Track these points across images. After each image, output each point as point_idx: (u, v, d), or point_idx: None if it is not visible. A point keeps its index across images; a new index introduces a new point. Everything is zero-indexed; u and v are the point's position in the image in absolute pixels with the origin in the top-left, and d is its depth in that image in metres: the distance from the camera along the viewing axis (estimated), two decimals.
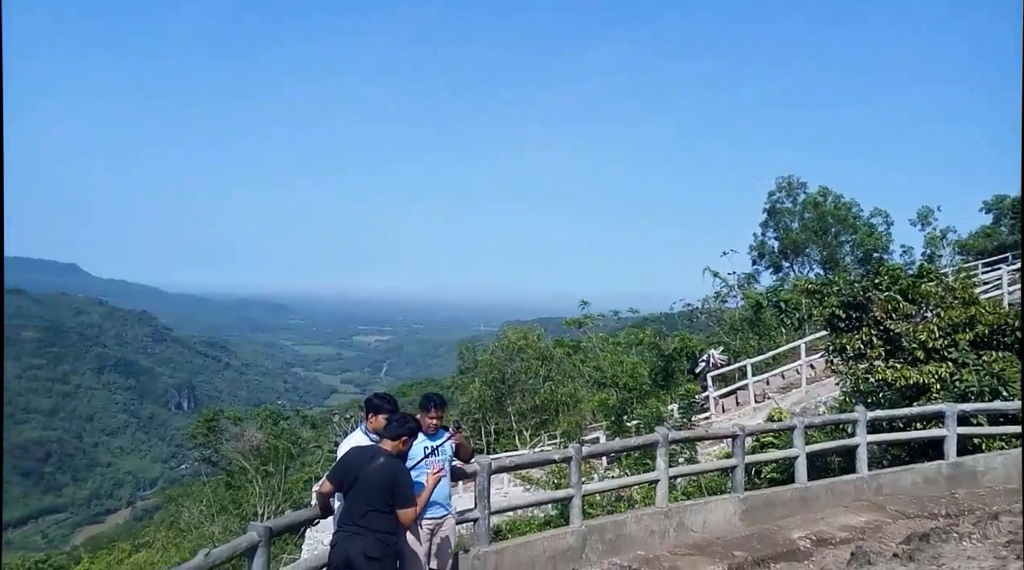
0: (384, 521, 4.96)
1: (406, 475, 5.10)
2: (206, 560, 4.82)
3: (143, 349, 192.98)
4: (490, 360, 31.15)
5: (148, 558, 28.46)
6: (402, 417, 5.36)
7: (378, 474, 4.99)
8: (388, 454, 5.10)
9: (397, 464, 5.10)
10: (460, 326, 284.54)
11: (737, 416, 19.08)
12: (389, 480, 4.97)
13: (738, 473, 8.90)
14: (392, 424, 5.27)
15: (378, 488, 4.96)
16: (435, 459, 5.68)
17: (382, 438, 5.61)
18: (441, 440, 5.81)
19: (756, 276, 34.26)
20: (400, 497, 4.98)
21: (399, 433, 5.18)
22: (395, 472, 5.04)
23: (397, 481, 5.00)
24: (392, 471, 5.03)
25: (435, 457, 5.69)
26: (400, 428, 5.20)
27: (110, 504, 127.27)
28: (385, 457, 5.07)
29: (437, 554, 5.81)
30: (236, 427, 33.57)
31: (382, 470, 5.00)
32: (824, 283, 14.29)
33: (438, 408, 5.88)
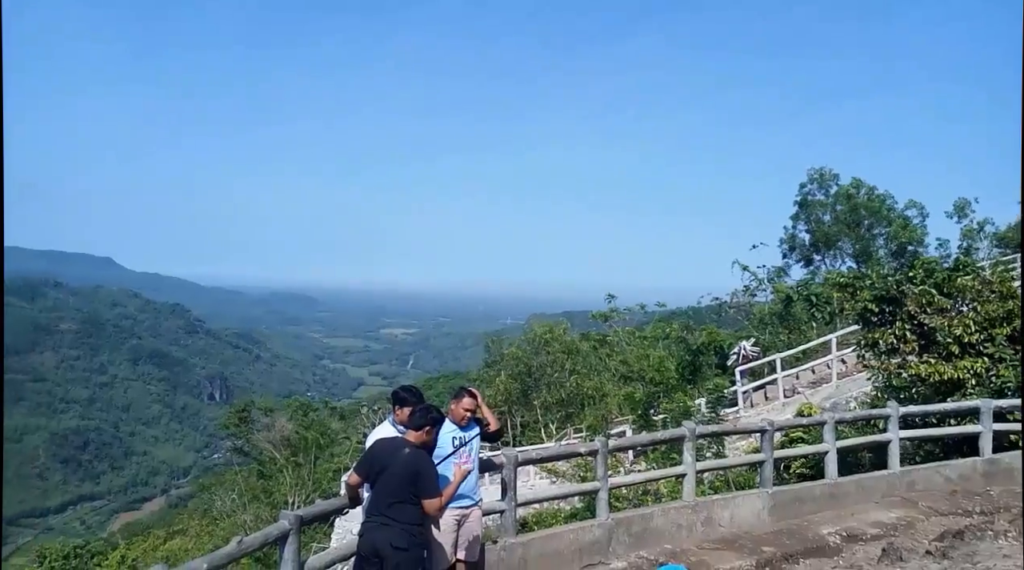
0: (410, 512, 5.00)
1: (429, 466, 5.13)
2: (239, 547, 4.92)
3: (177, 341, 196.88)
4: (516, 353, 31.23)
5: (182, 545, 29.12)
6: (425, 408, 5.36)
7: (402, 465, 5.03)
8: (412, 445, 5.13)
9: (420, 455, 5.12)
10: (487, 319, 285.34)
11: (766, 411, 18.89)
12: (412, 471, 5.01)
13: (766, 468, 8.82)
14: (415, 415, 5.29)
15: (402, 479, 5.00)
16: (464, 451, 5.70)
17: (408, 429, 5.68)
18: (472, 433, 5.80)
19: (786, 269, 33.88)
20: (424, 488, 5.01)
21: (422, 424, 5.19)
22: (418, 463, 5.06)
23: (420, 472, 5.03)
24: (415, 462, 5.05)
25: (465, 449, 5.70)
26: (423, 419, 5.21)
27: (145, 492, 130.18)
28: (409, 448, 5.11)
29: (463, 545, 5.82)
30: (267, 418, 34.11)
31: (406, 461, 5.03)
32: (856, 277, 14.10)
33: (472, 398, 5.84)
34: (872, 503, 9.26)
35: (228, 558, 4.91)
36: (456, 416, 5.76)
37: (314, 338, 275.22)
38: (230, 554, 4.88)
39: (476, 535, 5.89)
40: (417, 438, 5.17)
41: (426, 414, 5.24)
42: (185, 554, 25.23)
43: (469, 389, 6.00)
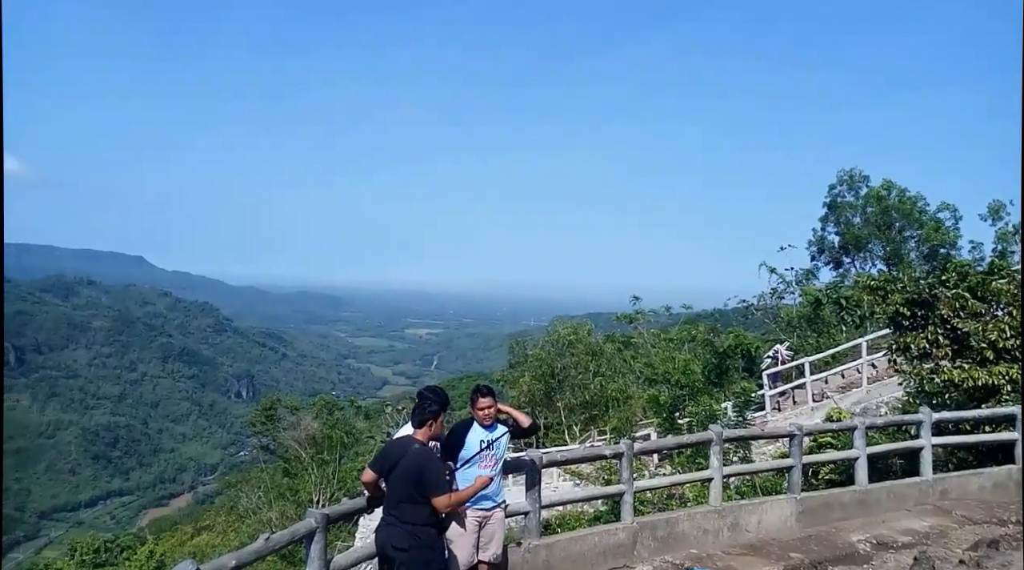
0: (415, 511, 4.94)
1: (432, 462, 5.05)
2: (267, 544, 4.97)
3: (205, 339, 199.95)
4: (540, 354, 31.14)
5: (209, 541, 29.56)
6: (420, 404, 5.28)
7: (406, 464, 4.99)
8: (420, 442, 5.09)
9: (423, 452, 5.05)
10: (510, 320, 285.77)
11: (794, 415, 18.65)
12: (416, 469, 4.95)
13: (795, 473, 8.69)
14: (414, 413, 5.25)
15: (406, 478, 4.96)
16: (491, 453, 5.65)
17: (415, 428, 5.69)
18: (498, 433, 5.76)
19: (815, 272, 33.34)
20: (429, 485, 4.93)
21: (422, 419, 5.16)
22: (420, 460, 4.98)
23: (424, 469, 4.95)
24: (418, 460, 4.98)
25: (491, 451, 5.66)
26: (421, 414, 5.17)
27: (173, 488, 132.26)
28: (415, 446, 5.07)
29: (486, 546, 5.78)
30: (293, 416, 34.39)
31: (409, 459, 4.99)
32: (888, 280, 13.77)
33: (485, 397, 5.73)
34: (904, 511, 9.09)
35: (256, 554, 4.95)
36: (479, 419, 5.72)
37: (339, 337, 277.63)
38: (258, 551, 4.93)
39: (498, 537, 5.84)
40: (423, 435, 5.15)
41: (423, 410, 5.19)
42: (212, 550, 25.60)
43: (480, 388, 5.88)
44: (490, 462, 5.70)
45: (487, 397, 5.73)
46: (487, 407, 5.69)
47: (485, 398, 5.71)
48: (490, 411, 5.70)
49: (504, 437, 5.81)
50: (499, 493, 5.87)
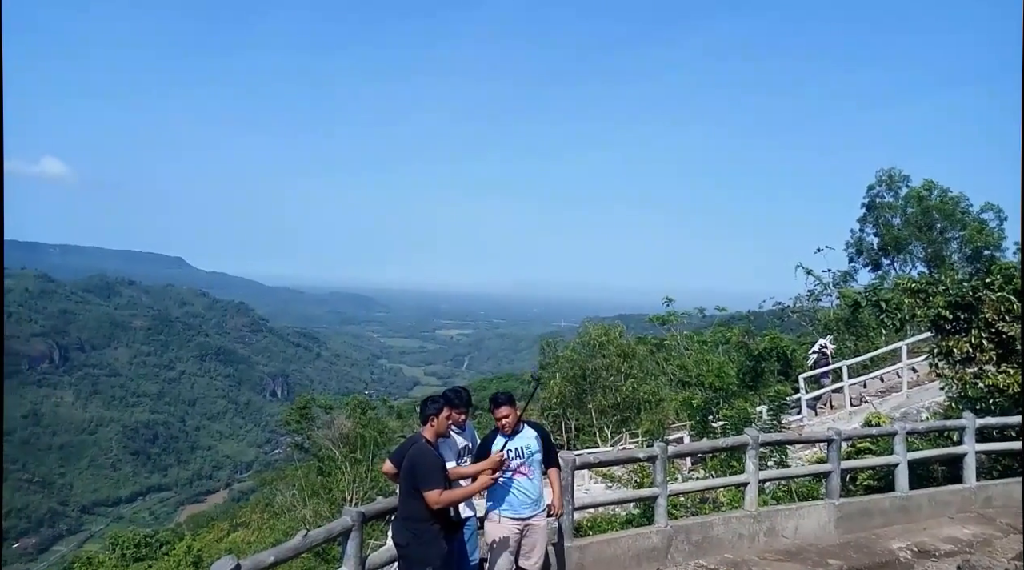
0: (411, 507, 5.01)
1: (424, 457, 5.04)
2: (304, 541, 5.04)
3: (241, 339, 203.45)
4: (571, 356, 31.07)
5: (245, 537, 30.01)
6: (423, 401, 5.39)
7: (406, 459, 5.09)
8: (425, 439, 5.16)
9: (418, 447, 5.11)
10: (541, 322, 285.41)
11: (831, 420, 18.31)
12: (409, 464, 5.04)
13: (833, 479, 8.54)
14: (420, 411, 5.34)
15: (405, 473, 5.06)
16: (521, 460, 5.54)
17: (462, 430, 5.70)
18: (523, 440, 5.61)
19: (853, 274, 32.73)
20: (420, 479, 4.96)
21: (425, 416, 5.24)
22: (413, 456, 5.07)
23: (415, 463, 5.02)
24: (412, 455, 5.07)
25: (520, 459, 5.54)
26: (425, 411, 5.26)
27: (210, 485, 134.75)
28: (419, 442, 5.15)
29: (527, 554, 5.67)
30: (327, 415, 34.78)
31: (409, 455, 5.09)
32: (929, 282, 13.49)
33: (501, 407, 5.54)
34: (946, 518, 8.88)
35: (294, 551, 5.04)
36: (500, 428, 5.59)
37: (371, 338, 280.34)
38: (296, 548, 5.01)
39: (540, 546, 5.71)
40: (429, 432, 5.21)
41: (425, 408, 5.26)
42: (248, 546, 25.99)
43: (496, 397, 5.69)
44: (526, 470, 5.58)
45: (503, 407, 5.55)
46: (504, 416, 5.53)
47: (500, 408, 5.54)
48: (509, 420, 5.54)
49: (535, 443, 5.64)
50: (539, 501, 5.68)
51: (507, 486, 5.58)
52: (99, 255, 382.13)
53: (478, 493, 5.43)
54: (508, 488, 5.59)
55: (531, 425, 5.77)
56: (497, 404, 5.58)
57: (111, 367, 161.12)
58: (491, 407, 5.62)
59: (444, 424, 5.30)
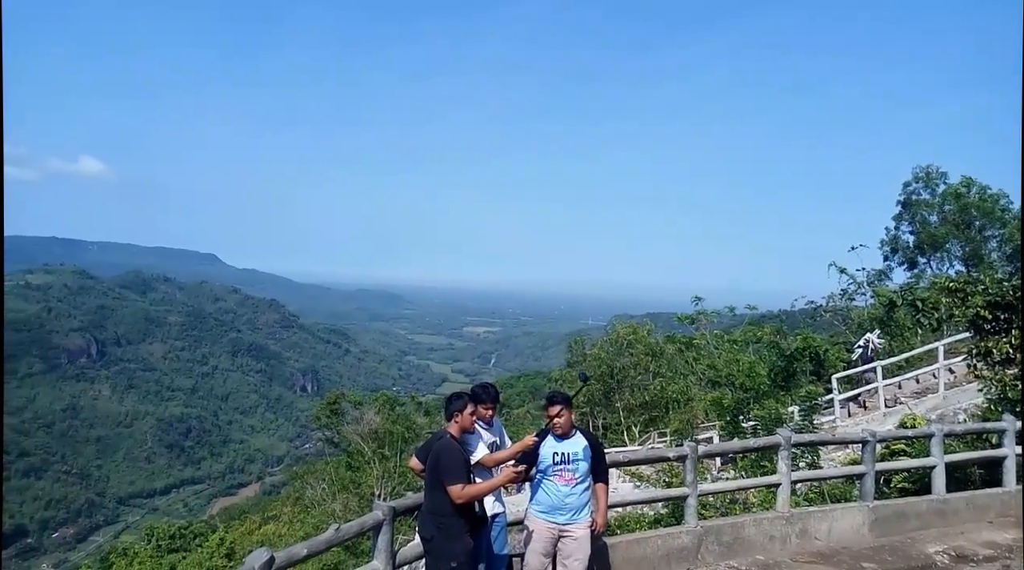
0: (437, 501, 5.05)
1: (449, 452, 5.06)
2: (337, 534, 5.11)
3: (272, 335, 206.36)
4: (599, 354, 30.97)
5: (276, 530, 30.41)
6: (448, 397, 5.43)
7: (431, 454, 5.15)
8: (450, 434, 5.22)
9: (443, 443, 5.15)
10: (568, 320, 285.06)
11: (865, 421, 18.00)
12: (433, 458, 5.10)
13: (867, 481, 8.40)
14: (445, 407, 5.39)
15: (429, 467, 5.12)
16: (565, 467, 5.36)
17: (489, 426, 5.72)
18: (573, 447, 5.41)
19: (888, 273, 32.09)
20: (444, 473, 5.00)
21: (450, 412, 5.28)
22: (438, 450, 5.12)
23: (439, 457, 5.06)
24: (437, 450, 5.13)
25: (567, 466, 5.35)
26: (449, 409, 5.30)
27: (242, 478, 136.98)
28: (443, 437, 5.21)
29: (563, 562, 5.48)
30: (356, 411, 35.11)
31: (433, 450, 5.15)
32: (967, 281, 13.14)
33: (555, 405, 5.39)
34: (985, 522, 8.68)
35: (327, 544, 5.11)
36: (553, 429, 5.42)
37: (400, 334, 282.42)
38: (328, 541, 5.08)
39: (578, 556, 5.43)
40: (454, 428, 5.25)
41: (450, 404, 5.31)
42: (279, 539, 26.34)
43: (551, 395, 5.54)
44: (568, 477, 5.37)
45: (556, 405, 5.38)
46: (558, 416, 5.36)
47: (554, 406, 5.38)
48: (562, 420, 5.37)
49: (584, 452, 5.42)
50: (579, 511, 5.46)
51: (545, 488, 5.48)
52: (135, 252, 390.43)
53: (502, 486, 5.42)
54: (546, 490, 5.48)
55: (585, 435, 5.57)
56: (552, 402, 5.44)
57: (146, 362, 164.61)
58: (545, 405, 5.53)
59: (469, 420, 5.32)
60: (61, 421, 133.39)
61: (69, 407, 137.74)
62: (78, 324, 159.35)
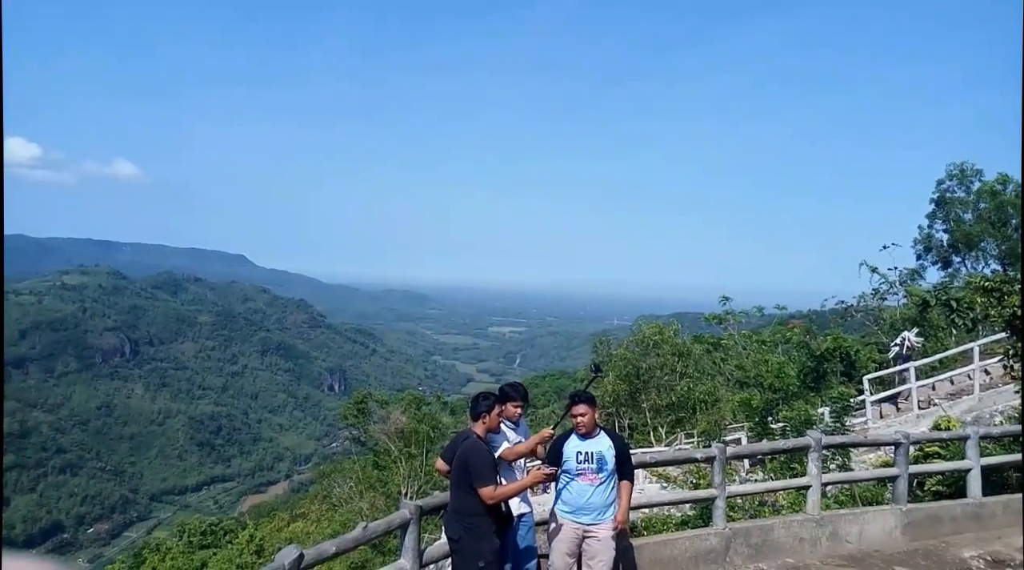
0: (463, 501, 5.04)
1: (478, 453, 5.04)
2: (364, 533, 5.14)
3: (300, 334, 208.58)
4: (624, 354, 30.76)
5: (304, 528, 30.77)
6: (475, 397, 5.40)
7: (459, 454, 5.13)
8: (476, 435, 5.20)
9: (471, 443, 5.13)
10: (593, 320, 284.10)
11: (897, 423, 17.68)
12: (463, 459, 5.06)
13: (900, 483, 8.25)
14: (471, 407, 5.36)
15: (457, 468, 5.09)
16: (590, 467, 5.37)
17: (516, 425, 5.71)
18: (597, 446, 5.43)
19: (921, 272, 31.45)
20: (474, 475, 4.98)
21: (476, 413, 5.26)
22: (467, 451, 5.09)
23: (468, 459, 5.03)
24: (465, 450, 5.10)
25: (591, 465, 5.37)
26: (476, 409, 5.27)
27: (271, 476, 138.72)
28: (471, 437, 5.19)
29: (588, 563, 5.48)
30: (382, 410, 35.35)
31: (461, 451, 5.12)
32: (1004, 280, 12.84)
33: (579, 405, 5.42)
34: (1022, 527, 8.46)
35: (354, 542, 5.15)
36: (576, 427, 5.46)
37: (426, 334, 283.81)
38: (356, 539, 5.12)
39: (602, 557, 5.43)
40: (480, 428, 5.23)
41: (476, 405, 5.28)
42: (307, 537, 26.64)
43: (575, 395, 5.56)
44: (591, 476, 5.39)
45: (582, 404, 5.41)
46: (581, 415, 5.40)
47: (579, 406, 5.41)
48: (584, 419, 5.40)
49: (607, 451, 5.43)
50: (603, 511, 5.46)
51: (570, 488, 5.48)
52: (167, 253, 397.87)
53: (531, 487, 5.41)
54: (570, 490, 5.49)
55: (609, 435, 5.58)
56: (576, 401, 5.46)
57: (178, 360, 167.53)
58: (569, 404, 5.54)
59: (496, 421, 5.32)
60: (96, 419, 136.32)
61: (104, 405, 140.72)
62: (112, 324, 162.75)
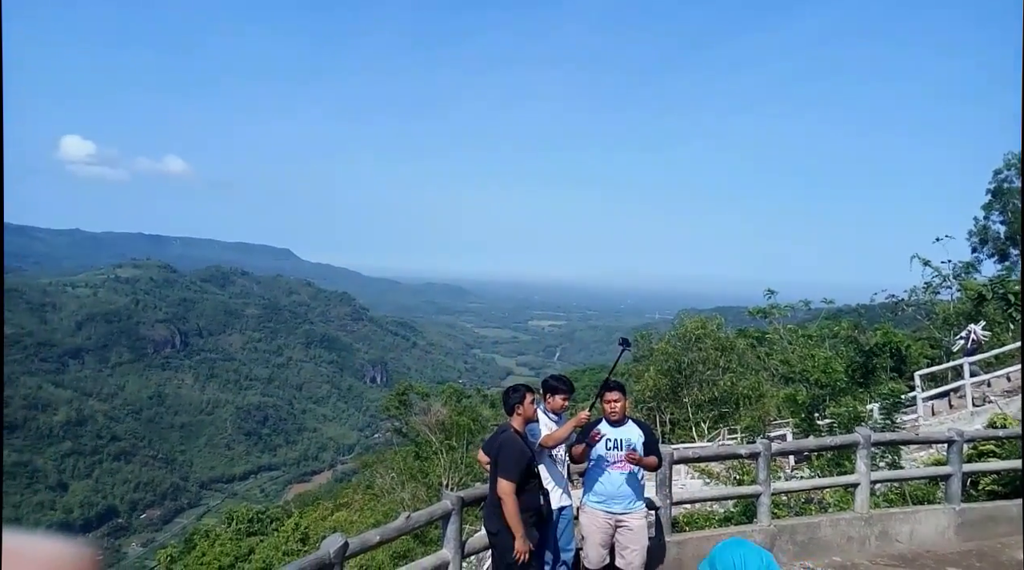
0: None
1: (509, 445, 5.06)
2: (407, 523, 5.21)
3: (344, 327, 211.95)
4: (666, 348, 30.42)
5: (347, 517, 31.25)
6: (506, 391, 5.41)
7: (494, 448, 5.14)
8: (513, 428, 5.20)
9: (504, 436, 5.15)
10: (634, 314, 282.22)
11: (950, 420, 17.13)
12: (495, 451, 5.10)
13: (953, 482, 8.01)
14: (503, 402, 5.36)
15: (492, 461, 5.12)
16: (619, 453, 5.49)
17: (559, 418, 5.71)
18: (626, 433, 5.56)
19: (976, 265, 30.35)
20: (500, 466, 5.00)
21: (510, 407, 5.26)
22: (499, 443, 5.11)
23: (500, 450, 5.06)
24: (498, 442, 5.12)
25: (619, 451, 5.49)
26: (509, 402, 5.27)
27: (315, 465, 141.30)
28: (507, 431, 5.19)
29: (622, 553, 5.57)
30: (423, 402, 35.68)
31: (498, 443, 5.13)
32: None
33: (613, 392, 5.57)
34: None
35: (397, 532, 5.23)
36: (604, 413, 5.60)
37: (466, 328, 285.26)
38: (399, 528, 5.19)
39: (636, 546, 5.55)
40: (518, 421, 5.23)
41: (509, 398, 5.29)
42: (351, 526, 27.04)
43: (609, 383, 5.65)
44: (621, 463, 5.51)
45: (615, 392, 5.58)
46: (615, 401, 5.54)
47: (613, 392, 5.57)
48: (616, 406, 5.54)
49: (637, 440, 5.56)
50: (633, 497, 5.58)
51: (601, 477, 5.55)
52: (215, 247, 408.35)
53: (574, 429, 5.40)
54: (601, 480, 5.55)
55: (637, 424, 5.70)
56: (608, 389, 5.59)
57: (226, 352, 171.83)
58: (600, 392, 5.63)
59: (531, 410, 5.31)
60: (148, 408, 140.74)
61: (155, 394, 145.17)
62: (163, 316, 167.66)
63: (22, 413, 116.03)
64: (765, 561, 2.60)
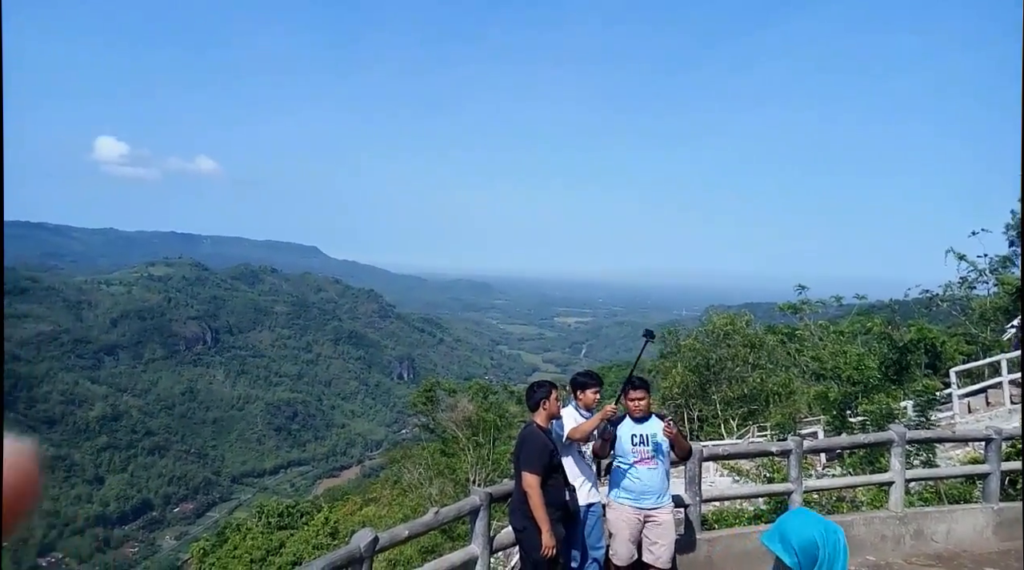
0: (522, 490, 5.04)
1: (531, 440, 5.06)
2: (436, 518, 5.23)
3: (371, 324, 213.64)
4: (694, 345, 30.18)
5: (376, 512, 31.53)
6: (530, 388, 5.40)
7: (516, 443, 5.16)
8: (537, 425, 5.19)
9: (527, 431, 5.16)
10: (660, 310, 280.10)
11: (987, 418, 16.77)
12: (518, 447, 5.11)
13: (991, 481, 7.83)
14: (526, 398, 5.37)
15: (515, 457, 5.14)
16: (645, 448, 5.52)
17: (589, 413, 5.69)
18: (651, 429, 5.59)
19: (1013, 259, 29.62)
20: (523, 460, 5.01)
21: (534, 403, 5.25)
22: (521, 439, 5.13)
23: (522, 444, 5.07)
24: (521, 438, 5.14)
25: (645, 447, 5.52)
26: (533, 398, 5.26)
27: (344, 461, 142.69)
28: (530, 426, 5.20)
29: (650, 548, 5.58)
30: (450, 398, 35.79)
31: (519, 437, 5.16)
32: None
33: (637, 390, 5.59)
34: None
35: (426, 527, 5.25)
36: (628, 410, 5.63)
37: (491, 324, 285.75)
38: (427, 523, 5.22)
39: (665, 541, 5.61)
40: (542, 417, 5.22)
41: (533, 394, 5.28)
42: (379, 520, 27.30)
43: (633, 379, 5.66)
44: (647, 459, 5.55)
45: (639, 390, 5.61)
46: (638, 399, 5.58)
47: (637, 390, 5.60)
48: (641, 403, 5.58)
49: (660, 433, 5.59)
50: (662, 495, 5.62)
51: (628, 473, 5.57)
52: (245, 245, 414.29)
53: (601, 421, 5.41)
54: (629, 475, 5.57)
55: (659, 416, 5.72)
56: (633, 386, 5.63)
57: (255, 349, 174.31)
58: (626, 388, 5.64)
59: (556, 406, 5.31)
60: (181, 403, 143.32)
61: (187, 390, 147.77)
62: (195, 313, 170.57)
63: (60, 408, 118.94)
64: (843, 540, 2.49)
